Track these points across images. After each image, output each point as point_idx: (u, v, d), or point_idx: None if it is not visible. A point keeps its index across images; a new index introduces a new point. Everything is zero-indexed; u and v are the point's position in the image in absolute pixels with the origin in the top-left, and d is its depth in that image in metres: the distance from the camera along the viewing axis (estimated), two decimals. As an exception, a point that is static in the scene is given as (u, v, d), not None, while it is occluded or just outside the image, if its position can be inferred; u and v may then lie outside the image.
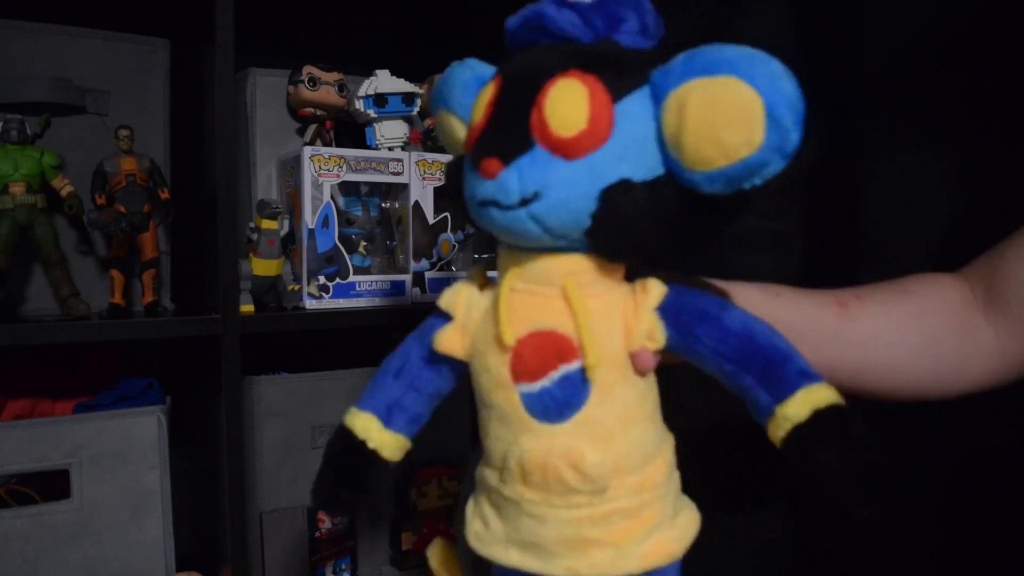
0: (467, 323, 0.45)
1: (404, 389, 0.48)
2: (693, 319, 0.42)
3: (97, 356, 0.94)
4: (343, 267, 0.92)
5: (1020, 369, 0.53)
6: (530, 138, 0.39)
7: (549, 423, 0.42)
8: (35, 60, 0.83)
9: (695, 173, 0.38)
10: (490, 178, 0.39)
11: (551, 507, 0.42)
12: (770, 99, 0.35)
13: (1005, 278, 0.52)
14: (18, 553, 0.75)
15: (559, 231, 0.40)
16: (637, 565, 0.42)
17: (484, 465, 0.46)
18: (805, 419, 0.39)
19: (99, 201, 0.81)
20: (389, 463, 0.48)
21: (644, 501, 0.43)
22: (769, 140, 0.35)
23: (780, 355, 0.41)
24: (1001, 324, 0.53)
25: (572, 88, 0.39)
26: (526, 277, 0.43)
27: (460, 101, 0.47)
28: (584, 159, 0.39)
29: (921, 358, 0.40)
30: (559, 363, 0.42)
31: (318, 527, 0.94)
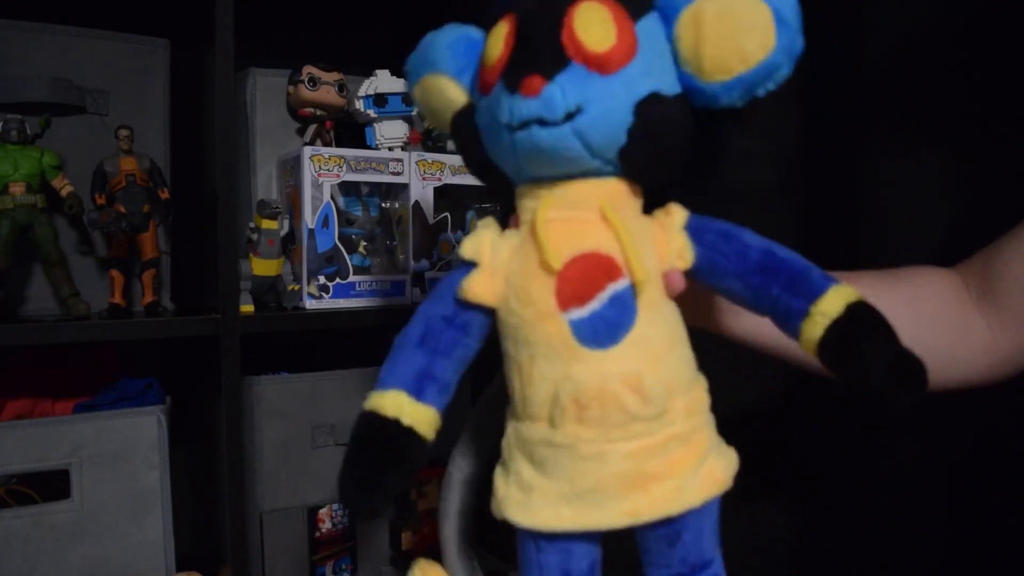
0: (495, 266, 0.44)
1: (430, 356, 0.44)
2: (717, 237, 0.44)
3: (97, 356, 0.94)
4: (343, 267, 0.92)
5: (1012, 365, 0.53)
6: (566, 56, 0.39)
7: (601, 348, 0.41)
8: (35, 60, 0.83)
9: (714, 84, 0.40)
10: (533, 95, 0.39)
11: (610, 442, 0.40)
12: (776, 5, 0.38)
13: (1000, 273, 0.52)
14: (18, 553, 0.75)
15: (599, 148, 0.41)
16: (697, 496, 0.42)
17: (520, 421, 0.44)
18: (841, 313, 0.41)
19: (99, 201, 0.81)
20: (426, 443, 0.44)
21: (695, 425, 0.43)
22: (781, 42, 0.38)
23: (801, 264, 0.43)
24: (995, 319, 0.53)
25: (597, 8, 0.40)
26: (558, 205, 0.43)
27: (450, 61, 0.47)
28: (618, 74, 0.40)
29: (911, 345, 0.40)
30: (607, 282, 0.41)
31: (318, 527, 0.94)
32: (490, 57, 0.42)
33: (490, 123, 0.43)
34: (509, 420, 0.45)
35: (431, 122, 0.52)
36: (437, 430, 0.45)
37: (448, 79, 0.48)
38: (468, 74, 0.47)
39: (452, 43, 0.48)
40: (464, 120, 0.46)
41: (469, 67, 0.47)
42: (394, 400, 0.43)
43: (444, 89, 0.48)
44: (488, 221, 0.46)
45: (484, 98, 0.43)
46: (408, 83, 0.52)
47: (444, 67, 0.48)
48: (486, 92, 0.43)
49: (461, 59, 0.47)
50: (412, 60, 0.50)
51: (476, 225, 0.46)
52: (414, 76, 0.50)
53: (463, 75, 0.47)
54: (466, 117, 0.46)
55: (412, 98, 0.52)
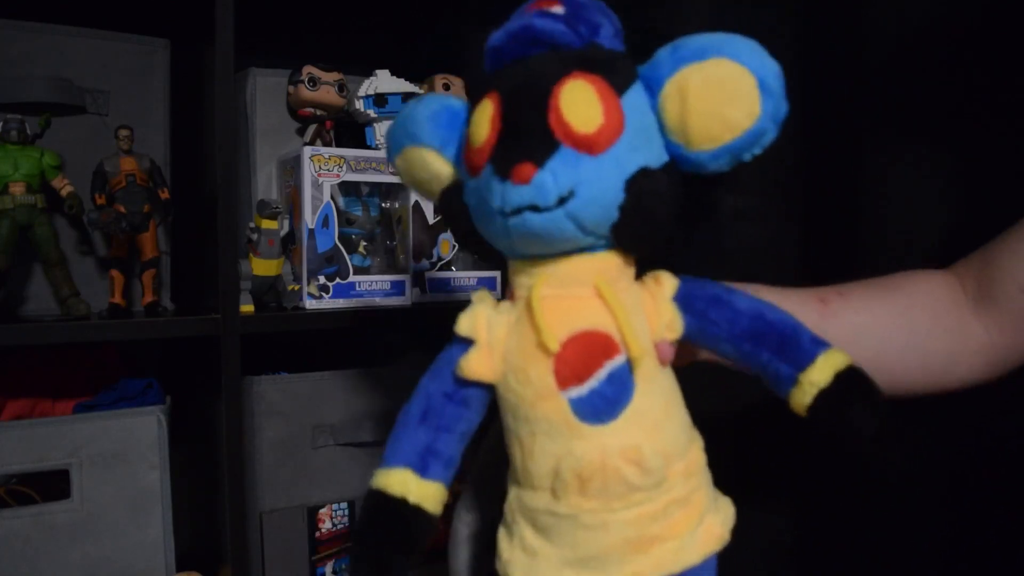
0: (492, 343, 0.44)
1: (433, 432, 0.45)
2: (707, 304, 0.44)
3: (97, 356, 0.94)
4: (343, 267, 0.92)
5: (1009, 363, 0.53)
6: (554, 139, 0.39)
7: (600, 424, 0.41)
8: (35, 60, 0.83)
9: (701, 153, 0.41)
10: (524, 183, 0.39)
11: (611, 512, 0.41)
12: (760, 73, 0.38)
13: (997, 274, 0.52)
14: (18, 553, 0.75)
15: (592, 227, 0.41)
16: (697, 554, 0.42)
17: (522, 489, 0.44)
18: (829, 382, 0.42)
19: (99, 201, 0.81)
20: (434, 518, 0.45)
21: (693, 487, 0.43)
22: (766, 109, 0.39)
23: (791, 328, 0.44)
24: (991, 320, 0.53)
25: (582, 87, 0.40)
26: (552, 283, 0.43)
27: (433, 133, 0.47)
28: (607, 153, 0.40)
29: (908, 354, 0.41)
30: (604, 360, 0.41)
31: (318, 527, 0.94)
32: (476, 138, 0.42)
33: (480, 205, 0.43)
34: (511, 484, 0.46)
35: (414, 190, 0.52)
36: (444, 503, 0.46)
37: (431, 152, 0.47)
38: (451, 147, 0.47)
39: (433, 115, 0.47)
40: (452, 198, 0.46)
41: (452, 139, 0.47)
42: (400, 478, 0.44)
43: (428, 162, 0.48)
44: (482, 295, 0.46)
45: (472, 179, 0.43)
46: (389, 155, 0.51)
47: (426, 140, 0.47)
48: (474, 173, 0.43)
49: (443, 131, 0.47)
50: (392, 132, 0.50)
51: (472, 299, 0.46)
52: (395, 148, 0.50)
53: (446, 148, 0.47)
54: (455, 194, 0.45)
55: (393, 166, 0.52)
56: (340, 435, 0.94)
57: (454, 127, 0.47)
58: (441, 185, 0.47)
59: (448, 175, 0.47)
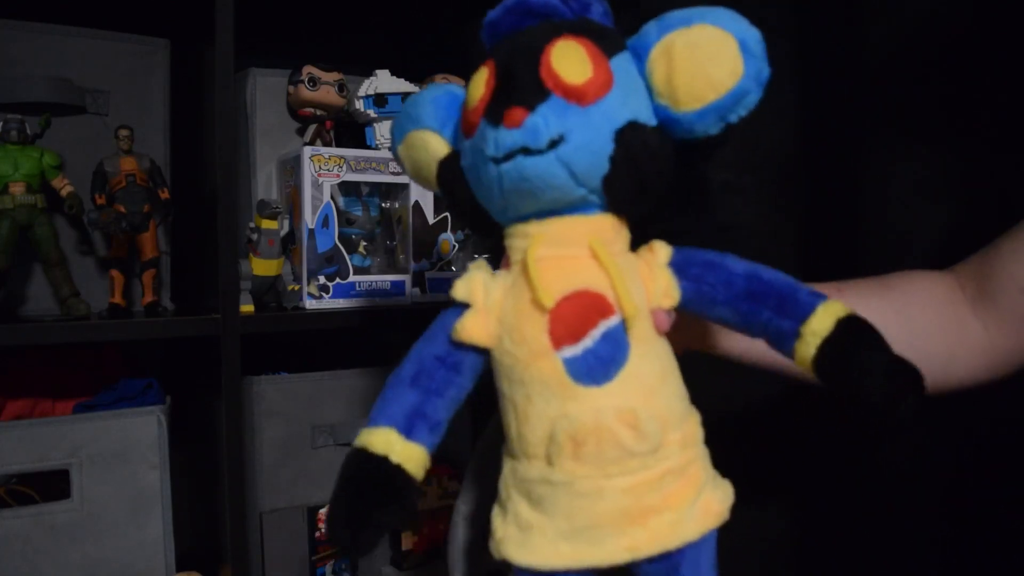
0: (488, 306, 0.44)
1: (422, 395, 0.45)
2: (702, 269, 0.45)
3: (97, 356, 0.94)
4: (343, 267, 0.92)
5: (1009, 365, 0.53)
6: (545, 88, 0.40)
7: (595, 385, 0.41)
8: (35, 60, 0.83)
9: (689, 113, 0.41)
10: (516, 126, 0.40)
11: (607, 478, 0.41)
12: (741, 36, 0.40)
13: (996, 274, 0.52)
14: (18, 553, 0.75)
15: (583, 175, 0.41)
16: (695, 529, 0.42)
17: (516, 460, 0.44)
18: (831, 330, 0.42)
19: (99, 201, 0.81)
20: (415, 481, 0.44)
21: (690, 458, 0.43)
22: (748, 70, 0.40)
23: (787, 285, 0.44)
24: (991, 320, 0.53)
25: (572, 46, 0.42)
26: (547, 243, 0.43)
27: (434, 116, 0.48)
28: (596, 104, 0.41)
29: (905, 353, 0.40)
30: (599, 319, 0.42)
31: (318, 527, 0.94)
32: (472, 99, 0.44)
33: (475, 162, 0.43)
34: (506, 459, 0.46)
35: (416, 179, 0.52)
36: (426, 469, 0.45)
37: (431, 132, 0.49)
38: (450, 127, 0.48)
39: (435, 99, 0.49)
40: (449, 165, 0.47)
41: (451, 120, 0.48)
42: (384, 437, 0.44)
43: (427, 142, 0.49)
44: (480, 263, 0.47)
45: (468, 140, 0.44)
46: (393, 145, 0.52)
47: (428, 121, 0.49)
48: (469, 133, 0.44)
49: (443, 112, 0.48)
50: (397, 121, 0.52)
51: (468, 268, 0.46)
52: (398, 135, 0.51)
53: (446, 128, 0.48)
54: (451, 162, 0.46)
55: (397, 159, 0.53)
56: (340, 435, 0.94)
57: (453, 109, 0.48)
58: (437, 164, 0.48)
59: (444, 154, 0.48)
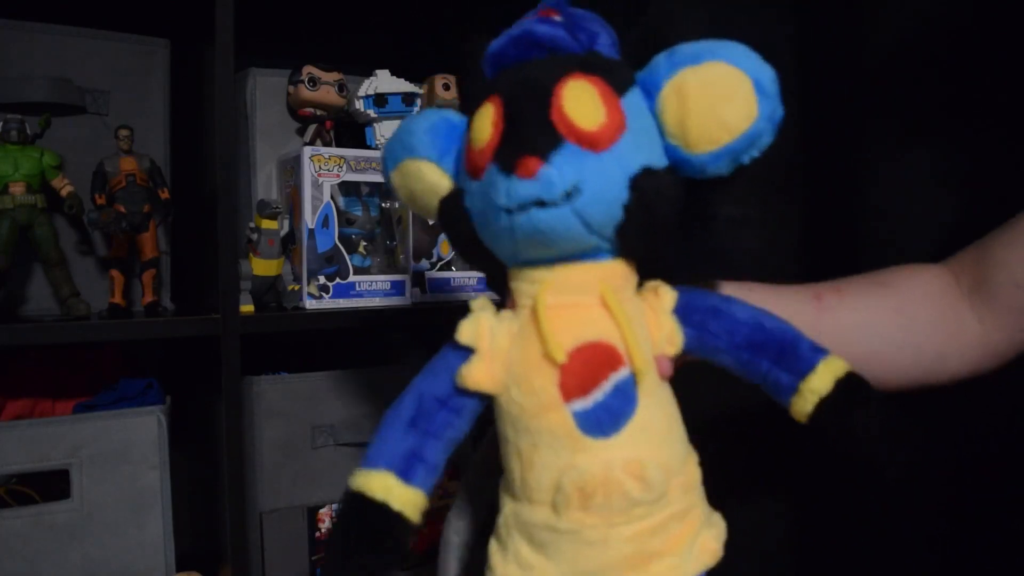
0: (494, 353, 0.43)
1: (421, 437, 0.44)
2: (706, 316, 0.44)
3: (97, 356, 0.94)
4: (343, 267, 0.92)
5: (1002, 356, 0.54)
6: (558, 135, 0.39)
7: (604, 437, 0.41)
8: (35, 60, 0.83)
9: (701, 155, 0.41)
10: (530, 177, 0.38)
11: (613, 527, 0.41)
12: (756, 76, 0.39)
13: (993, 267, 0.52)
14: (18, 553, 0.75)
15: (598, 225, 0.40)
16: (693, 569, 0.42)
17: (519, 503, 0.43)
18: (829, 390, 0.42)
19: (99, 201, 0.81)
20: (412, 526, 0.44)
21: (691, 502, 0.43)
22: (763, 111, 0.39)
23: (790, 337, 0.44)
24: (986, 312, 0.53)
25: (583, 87, 0.40)
26: (557, 290, 0.42)
27: (431, 145, 0.47)
28: (610, 150, 0.40)
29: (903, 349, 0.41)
30: (609, 372, 0.41)
31: (318, 527, 0.94)
32: (479, 140, 0.42)
33: (483, 207, 0.42)
34: (505, 498, 0.45)
35: (411, 206, 0.51)
36: (424, 512, 0.45)
37: (428, 163, 0.47)
38: (449, 158, 0.47)
39: (431, 127, 0.47)
40: (453, 204, 0.45)
41: (449, 151, 0.47)
42: (382, 482, 0.43)
43: (425, 173, 0.47)
44: (483, 303, 0.45)
45: (474, 182, 0.43)
46: (385, 170, 0.51)
47: (424, 151, 0.47)
48: (476, 176, 0.42)
49: (441, 143, 0.47)
50: (389, 146, 0.50)
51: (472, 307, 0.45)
52: (392, 162, 0.49)
53: (444, 158, 0.47)
54: (455, 200, 0.44)
55: (389, 184, 0.51)
56: (340, 435, 0.94)
57: (452, 139, 0.47)
58: (438, 197, 0.46)
59: (445, 186, 0.47)
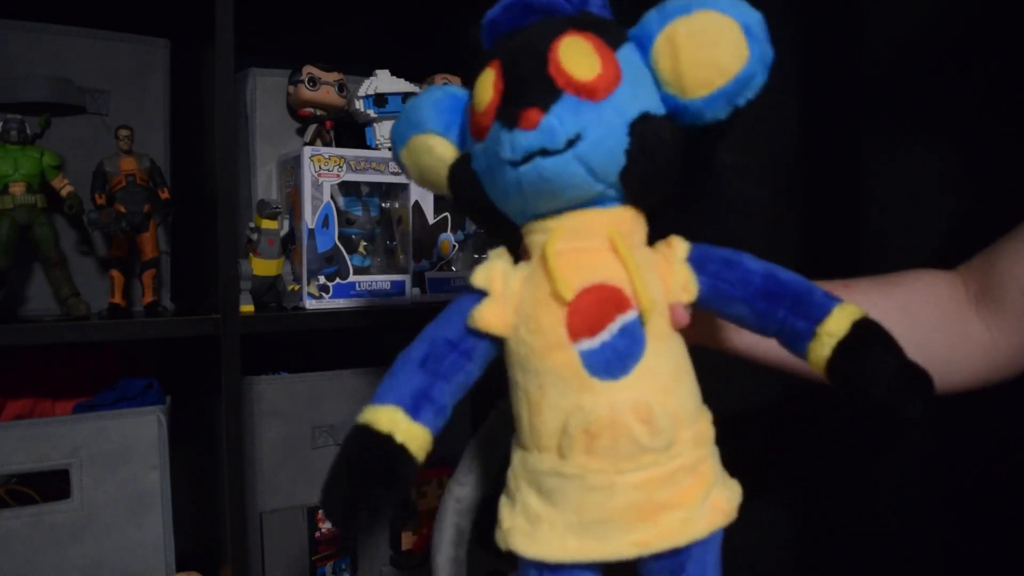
0: (506, 295, 0.44)
1: (430, 378, 0.44)
2: (719, 266, 0.45)
3: (97, 356, 0.94)
4: (343, 267, 0.92)
5: (1012, 366, 0.54)
6: (557, 88, 0.40)
7: (611, 379, 0.41)
8: (35, 60, 0.83)
9: (697, 100, 0.41)
10: (532, 128, 0.40)
11: (620, 473, 0.41)
12: (743, 20, 0.40)
13: (1000, 275, 0.52)
14: (18, 553, 0.75)
15: (601, 171, 0.41)
16: (704, 527, 0.42)
17: (527, 451, 0.44)
18: (847, 332, 0.42)
19: (99, 201, 0.81)
20: (416, 463, 0.44)
21: (701, 456, 0.43)
22: (753, 53, 0.40)
23: (804, 286, 0.45)
24: (994, 320, 0.53)
25: (578, 42, 0.42)
26: (567, 236, 0.43)
27: (437, 119, 0.48)
28: (608, 99, 0.41)
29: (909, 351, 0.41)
30: (616, 313, 0.42)
31: (318, 527, 0.94)
32: (481, 102, 0.43)
33: (490, 165, 0.43)
34: (515, 450, 0.45)
35: (421, 183, 0.52)
36: (428, 453, 0.45)
37: (436, 136, 0.48)
38: (455, 130, 0.48)
39: (436, 102, 0.49)
40: (461, 169, 0.46)
41: (455, 123, 0.48)
42: (389, 416, 0.44)
43: (433, 147, 0.49)
44: (500, 251, 0.46)
45: (479, 144, 0.44)
46: (395, 150, 0.52)
47: (431, 125, 0.49)
48: (481, 137, 0.43)
49: (446, 116, 0.48)
50: (396, 126, 0.51)
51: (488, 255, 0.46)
52: (400, 140, 0.51)
53: (450, 131, 0.48)
54: (463, 165, 0.46)
55: (399, 164, 0.52)
56: (340, 435, 0.94)
57: (456, 112, 0.48)
58: (445, 168, 0.48)
59: (453, 158, 0.48)
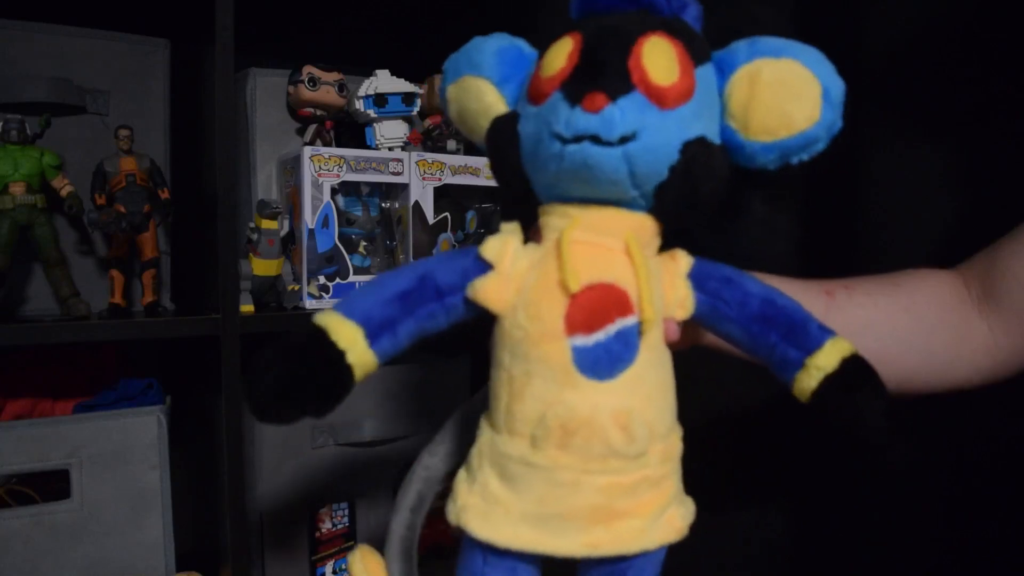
0: (511, 274, 0.43)
1: (402, 314, 0.43)
2: (720, 285, 0.45)
3: (97, 356, 0.94)
4: (343, 267, 0.92)
5: (1013, 366, 0.53)
6: (630, 83, 0.40)
7: (597, 380, 0.41)
8: (35, 60, 0.83)
9: (755, 143, 0.41)
10: (595, 111, 0.39)
11: (587, 473, 0.41)
12: (827, 84, 0.40)
13: (1001, 274, 0.52)
14: (18, 553, 0.75)
15: (642, 177, 0.41)
16: (656, 540, 0.42)
17: (498, 434, 0.43)
18: (835, 368, 0.43)
19: (99, 201, 0.81)
20: (354, 384, 0.43)
21: (666, 472, 0.43)
22: (824, 118, 0.40)
23: (800, 313, 0.44)
24: (995, 320, 0.53)
25: (664, 45, 0.41)
26: (586, 228, 0.43)
27: (496, 67, 0.47)
28: (674, 110, 0.40)
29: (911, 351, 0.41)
30: (617, 316, 0.41)
31: (318, 527, 0.94)
32: (550, 67, 0.42)
33: (537, 132, 0.42)
34: (484, 428, 0.45)
35: (459, 123, 0.51)
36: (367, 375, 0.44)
37: (490, 84, 0.47)
38: (511, 85, 0.47)
39: (501, 50, 0.48)
40: (505, 126, 0.45)
41: (513, 78, 0.47)
42: (351, 334, 0.42)
43: (484, 93, 0.48)
44: (513, 226, 0.45)
45: (534, 107, 0.43)
46: (444, 80, 0.51)
47: (488, 71, 0.47)
48: (538, 102, 0.43)
49: (507, 68, 0.47)
50: (454, 59, 0.50)
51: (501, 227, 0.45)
52: (453, 74, 0.50)
53: (505, 84, 0.47)
54: (508, 123, 0.45)
55: (444, 96, 0.51)
56: (340, 435, 0.94)
57: (518, 67, 0.47)
58: (488, 120, 0.47)
59: (500, 111, 0.47)
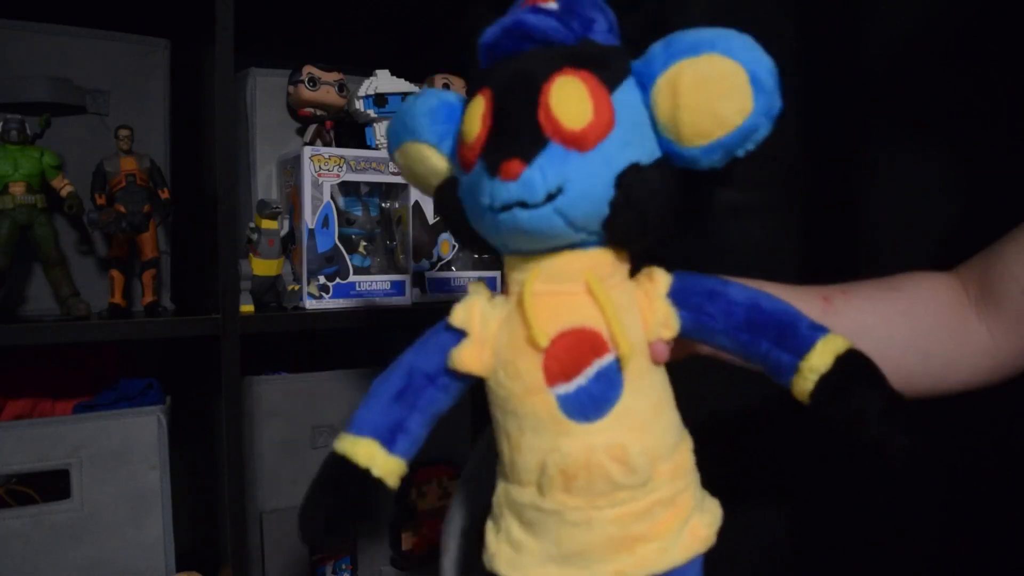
0: (484, 337, 0.44)
1: (407, 411, 0.46)
2: (702, 299, 0.44)
3: (97, 356, 0.94)
4: (343, 267, 0.92)
5: (1012, 367, 0.53)
6: (543, 136, 0.39)
7: (587, 422, 0.41)
8: (35, 60, 0.83)
9: (693, 149, 0.40)
10: (513, 179, 0.39)
11: (596, 509, 0.41)
12: (752, 68, 0.38)
13: (1000, 276, 0.52)
14: (18, 553, 0.75)
15: (581, 223, 0.41)
16: (681, 555, 0.43)
17: (509, 484, 0.45)
18: (829, 367, 0.41)
19: (99, 201, 0.81)
20: (392, 491, 0.46)
21: (679, 488, 0.43)
22: (758, 106, 0.38)
23: (789, 316, 0.43)
24: (994, 322, 0.53)
25: (572, 84, 0.40)
26: (545, 278, 0.43)
27: (430, 128, 0.48)
28: (596, 149, 0.40)
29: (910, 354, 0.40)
30: (593, 358, 0.42)
31: (318, 527, 0.94)
32: (468, 134, 0.43)
33: (472, 201, 0.43)
34: (500, 479, 0.46)
35: (414, 184, 0.52)
36: (403, 478, 0.46)
37: (428, 147, 0.48)
38: (448, 141, 0.48)
39: (431, 110, 0.48)
40: (448, 193, 0.46)
41: (449, 134, 0.47)
42: (367, 450, 0.45)
43: (425, 157, 0.48)
44: (478, 287, 0.46)
45: (465, 175, 0.44)
46: (389, 149, 0.52)
47: (424, 135, 0.48)
48: (467, 169, 0.43)
49: (440, 126, 0.48)
50: (391, 126, 0.51)
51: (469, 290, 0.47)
52: (394, 141, 0.51)
53: (443, 142, 0.48)
54: (450, 190, 0.46)
55: (394, 165, 0.53)
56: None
57: (451, 122, 0.47)
58: (439, 179, 0.48)
59: (445, 169, 0.48)
